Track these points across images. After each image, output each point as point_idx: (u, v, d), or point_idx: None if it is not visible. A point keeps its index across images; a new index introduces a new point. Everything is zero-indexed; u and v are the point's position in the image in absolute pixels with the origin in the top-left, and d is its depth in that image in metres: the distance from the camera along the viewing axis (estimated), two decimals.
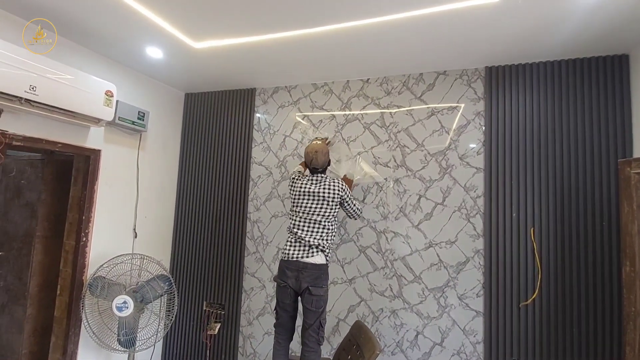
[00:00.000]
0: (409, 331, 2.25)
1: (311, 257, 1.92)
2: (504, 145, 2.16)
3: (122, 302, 2.08)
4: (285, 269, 1.94)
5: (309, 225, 1.97)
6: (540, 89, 2.13)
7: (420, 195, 2.31)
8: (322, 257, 1.94)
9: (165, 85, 2.89)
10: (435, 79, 2.36)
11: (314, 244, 1.93)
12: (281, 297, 1.96)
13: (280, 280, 1.96)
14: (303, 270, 1.89)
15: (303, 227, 1.98)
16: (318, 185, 2.02)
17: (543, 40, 1.90)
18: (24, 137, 1.92)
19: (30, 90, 1.74)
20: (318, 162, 2.04)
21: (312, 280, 1.88)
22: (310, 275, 1.89)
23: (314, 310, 1.87)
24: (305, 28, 1.88)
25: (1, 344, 2.42)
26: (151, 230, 2.78)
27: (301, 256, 1.92)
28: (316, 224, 1.97)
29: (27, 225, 2.44)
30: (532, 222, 2.07)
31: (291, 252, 1.95)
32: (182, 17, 1.85)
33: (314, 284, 1.88)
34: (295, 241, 1.98)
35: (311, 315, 1.88)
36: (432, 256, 2.25)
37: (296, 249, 1.95)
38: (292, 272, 1.91)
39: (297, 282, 1.90)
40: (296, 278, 1.90)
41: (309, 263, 1.90)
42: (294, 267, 1.92)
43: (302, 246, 1.94)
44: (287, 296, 1.94)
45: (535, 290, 2.03)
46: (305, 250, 1.93)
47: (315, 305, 1.87)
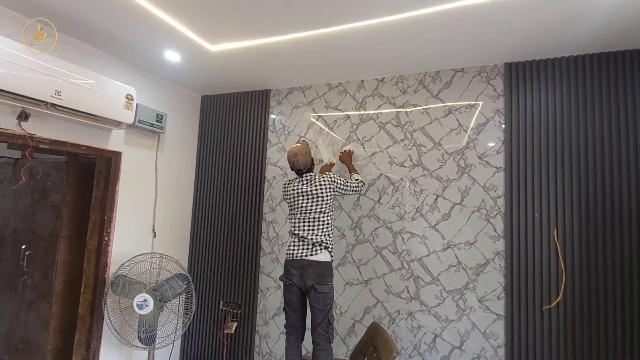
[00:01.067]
0: (426, 334, 2.22)
1: (315, 255, 1.94)
2: (525, 143, 2.09)
3: (142, 300, 2.13)
4: (290, 267, 1.98)
5: (309, 223, 2.01)
6: (563, 85, 2.06)
7: (438, 195, 2.27)
8: (326, 255, 1.96)
9: (183, 88, 2.95)
10: (453, 76, 2.31)
11: (317, 241, 1.96)
12: (288, 295, 2.00)
13: (285, 278, 2.00)
14: (307, 268, 1.92)
15: (303, 227, 2.01)
16: (308, 185, 2.05)
17: (565, 34, 1.83)
18: (49, 140, 1.99)
19: (55, 95, 1.81)
20: (300, 163, 2.06)
21: (316, 278, 1.90)
22: (315, 272, 1.91)
23: (320, 308, 1.89)
24: (319, 28, 1.88)
25: (28, 339, 2.51)
26: (169, 230, 2.84)
27: (305, 254, 1.95)
28: (314, 221, 2.00)
29: (52, 226, 2.53)
30: (555, 222, 2.00)
31: (295, 251, 1.98)
32: (200, 21, 1.88)
33: (318, 282, 1.90)
34: (298, 241, 2.01)
35: (319, 314, 1.89)
36: (450, 257, 2.20)
37: (300, 248, 1.98)
38: (297, 270, 1.95)
39: (302, 280, 1.92)
40: (300, 276, 1.93)
41: (313, 261, 1.93)
42: (299, 265, 1.95)
43: (306, 245, 1.97)
44: (293, 294, 1.97)
45: (560, 293, 1.96)
46: (309, 248, 1.96)
47: (322, 303, 1.88)
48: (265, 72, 2.54)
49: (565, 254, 1.97)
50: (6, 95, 1.68)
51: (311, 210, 2.01)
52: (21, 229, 2.67)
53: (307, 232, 1.99)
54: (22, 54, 1.68)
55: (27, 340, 2.52)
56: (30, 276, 2.57)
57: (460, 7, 1.63)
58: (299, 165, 2.06)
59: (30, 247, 2.60)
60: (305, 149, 2.09)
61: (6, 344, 2.61)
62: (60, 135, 2.04)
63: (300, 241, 2.00)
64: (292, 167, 2.10)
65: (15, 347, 2.56)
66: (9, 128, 1.82)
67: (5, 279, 2.69)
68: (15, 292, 2.62)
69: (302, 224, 2.02)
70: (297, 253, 1.98)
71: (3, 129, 1.79)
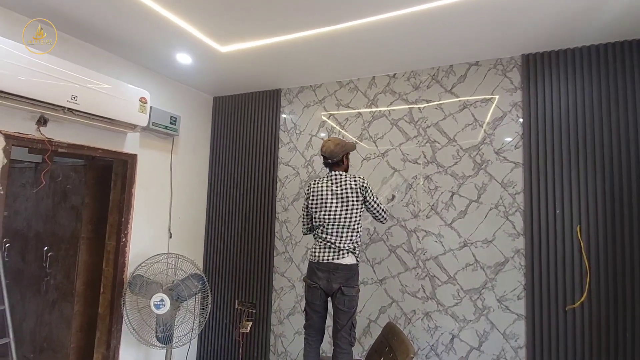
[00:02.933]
0: (443, 334, 2.17)
1: (342, 258, 1.88)
2: (544, 137, 2.02)
3: (159, 299, 2.17)
4: (316, 269, 1.91)
5: (338, 229, 1.90)
6: (584, 75, 1.97)
7: (453, 192, 2.22)
8: (352, 258, 1.90)
9: (195, 90, 2.98)
10: (467, 70, 2.25)
11: (344, 247, 1.89)
12: (312, 298, 1.94)
13: (310, 281, 1.93)
14: (334, 271, 1.86)
15: (332, 232, 1.90)
16: (338, 185, 1.93)
17: (586, 22, 1.75)
18: (67, 144, 2.04)
19: (72, 99, 1.85)
20: (329, 150, 1.94)
21: (344, 281, 1.85)
22: (343, 276, 1.86)
23: (346, 311, 1.84)
24: (329, 26, 1.86)
25: (52, 338, 2.60)
26: (184, 231, 2.87)
27: (332, 258, 1.88)
28: (344, 228, 1.89)
29: (72, 228, 2.60)
30: (578, 219, 1.92)
31: (321, 255, 1.91)
32: (210, 22, 1.89)
33: (346, 284, 1.85)
34: (324, 246, 1.92)
35: (343, 316, 1.85)
36: (467, 256, 2.15)
37: (326, 252, 1.90)
38: (324, 273, 1.88)
39: (329, 283, 1.87)
40: (327, 279, 1.87)
41: (340, 264, 1.87)
42: (325, 269, 1.88)
43: (333, 250, 1.89)
44: (317, 297, 1.91)
45: (584, 292, 1.88)
46: (336, 252, 1.89)
47: (348, 306, 1.84)
48: (276, 72, 2.54)
49: (589, 251, 1.89)
50: (26, 101, 1.73)
51: (341, 215, 1.89)
52: (43, 230, 2.76)
53: (335, 238, 1.89)
54: (40, 61, 1.73)
55: (51, 339, 2.60)
56: (53, 277, 2.65)
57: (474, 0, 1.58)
58: (328, 150, 1.94)
59: (53, 249, 2.68)
60: (339, 140, 1.99)
61: (31, 342, 2.71)
62: (77, 139, 2.09)
63: (326, 246, 1.91)
64: (322, 152, 1.98)
65: (40, 346, 2.65)
66: (29, 133, 1.87)
67: (30, 279, 2.78)
68: (39, 292, 2.71)
69: (331, 230, 1.90)
70: (323, 256, 1.90)
71: (23, 134, 1.85)
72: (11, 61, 1.62)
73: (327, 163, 2.00)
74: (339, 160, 1.98)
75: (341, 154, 1.98)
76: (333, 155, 1.95)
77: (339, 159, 1.99)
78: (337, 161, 1.98)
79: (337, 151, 1.96)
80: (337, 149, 1.95)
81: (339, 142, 1.97)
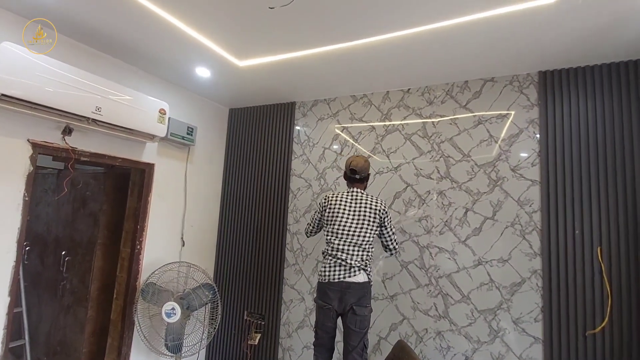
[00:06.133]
0: (456, 355, 2.11)
1: (354, 276, 1.83)
2: (562, 155, 1.98)
3: (170, 308, 2.18)
4: (328, 290, 1.85)
5: (349, 246, 1.85)
6: (604, 93, 1.93)
7: (468, 208, 2.18)
8: (364, 275, 1.85)
9: (211, 102, 3.05)
10: (482, 86, 2.24)
11: (355, 265, 1.84)
12: (323, 319, 1.88)
13: (322, 302, 1.87)
14: (347, 291, 1.81)
15: (343, 249, 1.85)
16: (357, 202, 1.89)
17: (606, 40, 1.73)
18: (90, 153, 2.11)
19: (96, 110, 1.93)
20: (358, 163, 1.92)
21: (356, 300, 1.80)
22: (355, 295, 1.80)
23: (357, 331, 1.79)
24: (345, 42, 1.90)
25: (66, 341, 2.64)
26: (197, 239, 2.91)
27: (343, 276, 1.83)
28: (355, 246, 1.85)
29: (90, 233, 2.67)
30: (598, 240, 1.86)
31: (332, 274, 1.85)
32: (229, 39, 1.95)
33: (358, 304, 1.80)
34: (334, 264, 1.86)
35: (355, 337, 1.80)
36: (481, 275, 2.10)
37: (337, 270, 1.85)
38: (335, 294, 1.83)
39: (341, 304, 1.82)
40: (340, 299, 1.82)
41: (353, 282, 1.82)
42: (337, 288, 1.83)
43: (344, 267, 1.84)
44: (329, 318, 1.85)
45: (605, 317, 1.80)
46: (347, 270, 1.84)
47: (359, 326, 1.79)
48: (291, 85, 2.59)
49: (610, 274, 1.82)
50: (53, 112, 1.81)
51: (355, 233, 1.84)
52: (62, 235, 2.84)
53: (346, 256, 1.84)
54: (67, 73, 1.82)
55: (65, 342, 2.64)
56: (69, 281, 2.71)
57: (492, 17, 1.59)
58: (359, 165, 1.92)
59: (70, 253, 2.75)
60: (366, 158, 2.00)
61: (45, 345, 2.76)
62: (99, 148, 2.17)
63: (336, 264, 1.85)
64: (348, 166, 1.95)
65: (54, 349, 2.70)
66: (54, 142, 1.95)
67: (47, 282, 2.86)
68: (55, 296, 2.78)
69: (342, 246, 1.85)
70: (334, 275, 1.84)
71: (49, 143, 1.93)
72: (39, 73, 1.71)
73: (353, 178, 1.97)
74: (365, 177, 1.98)
75: (368, 172, 1.99)
76: (363, 170, 1.95)
77: (366, 176, 1.99)
78: (363, 177, 1.98)
79: (366, 167, 1.96)
80: (366, 165, 1.96)
81: (366, 160, 1.98)
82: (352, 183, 1.99)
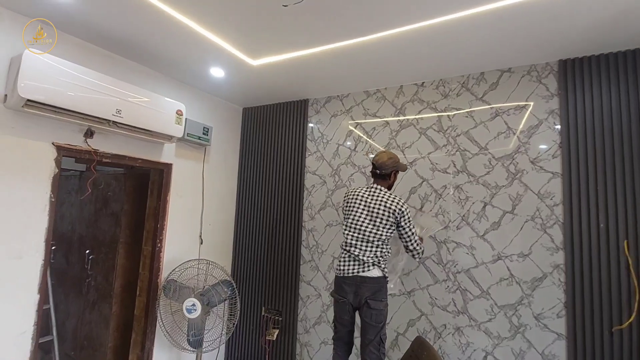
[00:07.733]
0: (476, 351, 2.08)
1: (368, 271, 1.85)
2: (585, 146, 1.92)
3: (191, 304, 2.24)
4: (343, 284, 1.89)
5: (362, 243, 1.87)
6: (629, 81, 1.86)
7: (486, 202, 2.14)
8: (378, 270, 1.86)
9: (225, 102, 3.09)
10: (499, 77, 2.19)
11: (368, 260, 1.86)
12: (339, 312, 1.92)
13: (338, 295, 1.91)
14: (362, 285, 1.84)
15: (357, 245, 1.88)
16: (375, 199, 1.89)
17: (630, 25, 1.66)
18: (111, 155, 2.18)
19: (116, 113, 1.98)
20: (379, 159, 1.92)
21: (370, 294, 1.82)
22: (370, 289, 1.83)
23: (373, 325, 1.81)
24: (357, 37, 1.89)
25: (92, 336, 2.74)
26: (214, 237, 2.96)
27: (357, 271, 1.86)
28: (367, 242, 1.87)
29: (112, 232, 2.76)
30: (625, 233, 1.79)
31: (346, 268, 1.89)
32: (243, 38, 1.97)
33: (373, 298, 1.82)
34: (349, 258, 1.90)
35: (371, 331, 1.81)
36: (501, 270, 2.06)
37: (351, 265, 1.88)
38: (351, 287, 1.86)
39: (356, 297, 1.85)
40: (355, 293, 1.85)
41: (367, 277, 1.84)
42: (352, 282, 1.86)
43: (357, 262, 1.87)
44: (345, 312, 1.89)
45: (632, 313, 1.74)
46: (361, 265, 1.86)
47: (375, 320, 1.81)
48: (304, 83, 2.59)
49: (638, 268, 1.75)
50: (76, 115, 1.87)
51: (366, 229, 1.86)
52: (86, 234, 2.94)
53: (359, 252, 1.86)
54: (88, 77, 1.87)
55: (91, 337, 2.75)
56: (94, 278, 2.81)
57: (508, 6, 1.55)
58: (380, 160, 1.92)
59: (94, 252, 2.85)
60: (393, 155, 1.97)
61: (73, 340, 2.88)
62: (120, 149, 2.23)
63: (350, 259, 1.89)
64: (373, 160, 1.96)
65: (81, 344, 2.81)
66: (77, 144, 2.02)
67: (73, 280, 2.97)
68: (81, 292, 2.89)
69: (355, 241, 1.88)
70: (348, 269, 1.88)
71: (72, 146, 2.00)
72: (62, 78, 1.77)
73: (375, 173, 1.97)
74: (386, 174, 1.95)
75: (390, 169, 1.95)
76: (382, 166, 1.93)
77: (387, 173, 1.95)
78: (384, 174, 1.95)
79: (388, 164, 1.93)
80: (388, 162, 1.93)
81: (392, 157, 1.96)
82: (375, 178, 1.99)
